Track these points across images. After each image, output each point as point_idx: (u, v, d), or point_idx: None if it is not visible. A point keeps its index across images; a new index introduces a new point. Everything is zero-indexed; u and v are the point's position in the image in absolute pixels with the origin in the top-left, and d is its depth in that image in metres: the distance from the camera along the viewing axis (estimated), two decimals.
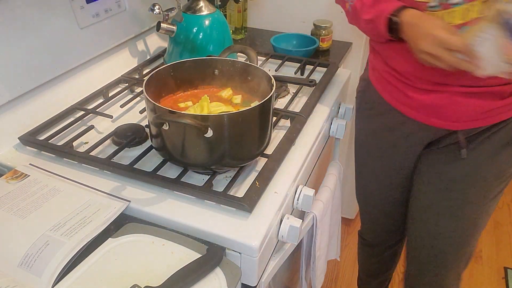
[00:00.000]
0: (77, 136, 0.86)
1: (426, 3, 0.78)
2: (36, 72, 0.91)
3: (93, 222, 0.67)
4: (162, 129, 0.70)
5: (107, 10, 1.07)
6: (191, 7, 1.11)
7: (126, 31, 1.15)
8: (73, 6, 0.98)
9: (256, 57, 0.88)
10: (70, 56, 0.98)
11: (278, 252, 0.80)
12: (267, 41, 1.39)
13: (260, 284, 0.74)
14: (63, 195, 0.72)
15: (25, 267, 0.60)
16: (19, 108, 0.88)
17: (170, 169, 0.80)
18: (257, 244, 0.66)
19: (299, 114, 0.93)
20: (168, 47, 1.16)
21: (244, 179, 0.78)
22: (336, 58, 1.36)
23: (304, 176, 0.87)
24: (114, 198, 0.72)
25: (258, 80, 0.84)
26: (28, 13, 0.88)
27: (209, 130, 0.68)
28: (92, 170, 0.80)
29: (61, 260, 0.60)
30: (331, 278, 1.77)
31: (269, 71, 0.85)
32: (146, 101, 0.72)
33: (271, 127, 0.79)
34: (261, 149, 0.79)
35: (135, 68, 1.14)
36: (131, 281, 0.58)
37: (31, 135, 0.86)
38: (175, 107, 0.83)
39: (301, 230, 0.77)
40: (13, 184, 0.74)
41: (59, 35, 0.96)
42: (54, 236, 0.63)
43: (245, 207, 0.69)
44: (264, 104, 0.72)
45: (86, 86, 1.02)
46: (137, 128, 0.89)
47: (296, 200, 0.82)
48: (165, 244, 0.64)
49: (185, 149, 0.73)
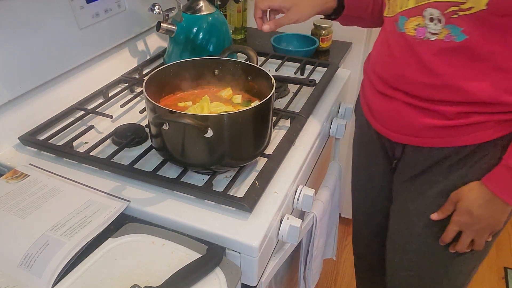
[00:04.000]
0: (77, 136, 0.86)
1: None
2: (36, 72, 0.91)
3: (93, 222, 0.67)
4: (162, 129, 0.70)
5: (107, 10, 1.07)
6: (191, 7, 1.11)
7: (126, 31, 1.15)
8: (73, 6, 0.98)
9: (256, 57, 0.88)
10: (70, 56, 0.98)
11: (278, 252, 0.80)
12: (267, 41, 1.39)
13: (260, 284, 0.74)
14: (63, 195, 0.72)
15: (25, 267, 0.60)
16: (19, 108, 0.88)
17: (170, 169, 0.80)
18: (257, 244, 0.66)
19: (299, 114, 0.93)
20: (168, 47, 1.16)
21: (244, 179, 0.78)
22: (336, 58, 1.36)
23: (304, 176, 0.87)
24: (114, 198, 0.72)
25: (258, 80, 0.84)
26: (28, 13, 0.88)
27: (209, 130, 0.68)
28: (92, 170, 0.80)
29: (61, 260, 0.60)
30: (331, 278, 1.77)
31: (269, 71, 0.85)
32: (146, 101, 0.72)
33: (271, 127, 0.79)
34: (261, 149, 0.79)
35: (135, 68, 1.14)
36: (131, 281, 0.58)
37: (31, 135, 0.86)
38: (175, 107, 0.83)
39: (301, 230, 0.77)
40: (13, 184, 0.74)
41: (59, 35, 0.96)
42: (54, 236, 0.63)
43: (245, 207, 0.69)
44: (264, 104, 0.72)
45: (86, 86, 1.02)
46: (137, 128, 0.89)
47: (296, 200, 0.82)
48: (165, 244, 0.64)
49: (185, 149, 0.73)
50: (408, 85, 0.78)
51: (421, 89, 0.76)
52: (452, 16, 0.68)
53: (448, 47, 0.71)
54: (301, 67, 1.16)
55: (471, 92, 0.72)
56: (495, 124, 0.74)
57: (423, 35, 0.73)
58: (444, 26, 0.70)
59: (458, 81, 0.72)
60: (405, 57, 0.77)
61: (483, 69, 0.70)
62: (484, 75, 0.71)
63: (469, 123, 0.75)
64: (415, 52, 0.75)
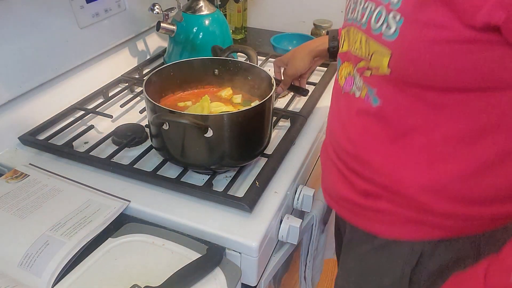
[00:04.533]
0: (77, 136, 0.86)
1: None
2: (36, 72, 0.91)
3: (93, 222, 0.67)
4: (162, 129, 0.70)
5: (107, 10, 1.07)
6: (191, 7, 1.11)
7: (126, 31, 1.15)
8: (73, 6, 0.98)
9: (256, 57, 0.88)
10: (70, 56, 0.98)
11: (278, 252, 0.80)
12: (267, 41, 1.39)
13: (260, 284, 0.74)
14: (63, 195, 0.72)
15: (25, 267, 0.60)
16: (19, 108, 0.88)
17: (170, 169, 0.79)
18: (257, 244, 0.66)
19: (299, 114, 0.93)
20: (168, 47, 1.16)
21: (244, 179, 0.78)
22: None
23: (304, 176, 0.87)
24: (114, 198, 0.72)
25: (258, 80, 0.84)
26: (28, 13, 0.88)
27: (209, 130, 0.68)
28: (92, 170, 0.80)
29: (61, 260, 0.60)
30: (331, 278, 1.77)
31: (269, 71, 0.85)
32: (146, 101, 0.72)
33: (271, 127, 0.79)
34: (261, 149, 0.79)
35: (135, 68, 1.14)
36: (131, 281, 0.58)
37: (31, 135, 0.86)
38: (175, 107, 0.83)
39: (301, 230, 0.77)
40: (13, 184, 0.74)
41: (59, 35, 0.95)
42: (54, 236, 0.63)
43: (245, 207, 0.69)
44: (264, 104, 0.72)
45: (86, 86, 1.02)
46: (137, 128, 0.89)
47: (296, 200, 0.82)
48: (165, 244, 0.64)
49: (185, 149, 0.73)
50: (334, 141, 0.68)
51: (341, 150, 0.65)
52: (364, 73, 0.58)
53: (365, 110, 0.59)
54: None
55: (380, 172, 0.60)
56: (409, 223, 0.61)
57: (350, 87, 0.62)
58: (363, 82, 0.59)
59: (368, 153, 0.61)
60: (333, 109, 0.69)
61: (397, 150, 0.58)
62: (398, 157, 0.58)
63: (378, 209, 0.62)
64: (339, 106, 0.66)
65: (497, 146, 0.53)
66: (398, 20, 0.50)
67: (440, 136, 0.54)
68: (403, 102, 0.55)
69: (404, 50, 0.51)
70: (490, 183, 0.55)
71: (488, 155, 0.54)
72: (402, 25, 0.50)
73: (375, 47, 0.54)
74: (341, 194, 0.67)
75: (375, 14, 0.54)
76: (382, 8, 0.52)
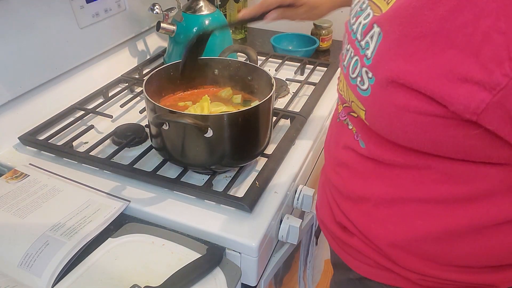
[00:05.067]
0: (77, 136, 0.86)
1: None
2: (36, 72, 0.91)
3: (93, 222, 0.67)
4: (162, 129, 0.70)
5: (107, 10, 1.07)
6: (191, 7, 1.11)
7: (126, 31, 1.15)
8: (73, 6, 0.98)
9: (256, 57, 0.88)
10: (70, 56, 0.98)
11: (278, 252, 0.80)
12: (267, 41, 1.39)
13: (260, 284, 0.74)
14: (63, 195, 0.72)
15: (25, 267, 0.60)
16: (19, 108, 0.88)
17: (170, 169, 0.79)
18: (257, 244, 0.66)
19: (299, 114, 0.93)
20: (168, 47, 1.16)
21: (244, 179, 0.78)
22: (336, 58, 1.36)
23: (304, 176, 0.87)
24: (114, 198, 0.72)
25: (258, 80, 0.84)
26: (28, 12, 0.88)
27: (209, 130, 0.67)
28: (92, 170, 0.80)
29: (61, 260, 0.60)
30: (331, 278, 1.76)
31: (269, 71, 0.85)
32: (146, 101, 0.72)
33: (271, 127, 0.79)
34: (261, 149, 0.79)
35: (135, 68, 1.14)
36: (131, 281, 0.58)
37: (31, 135, 0.86)
38: (175, 107, 0.83)
39: (301, 230, 0.77)
40: (13, 184, 0.74)
41: (59, 35, 0.95)
42: (54, 236, 0.63)
43: (245, 207, 0.69)
44: (264, 104, 0.72)
45: (86, 86, 1.02)
46: (137, 128, 0.89)
47: (296, 200, 0.82)
48: (165, 244, 0.64)
49: (185, 149, 0.73)
50: (326, 163, 0.66)
51: (328, 175, 0.63)
52: (351, 113, 0.55)
53: (353, 146, 0.55)
54: (301, 67, 1.16)
55: (355, 212, 0.58)
56: (379, 267, 0.58)
57: (345, 116, 0.57)
58: (350, 122, 0.56)
59: (346, 188, 0.58)
60: (330, 127, 0.66)
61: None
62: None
63: (352, 245, 0.60)
64: (332, 133, 0.63)
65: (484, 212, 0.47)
66: (370, 78, 0.44)
67: (420, 195, 0.49)
68: (385, 156, 0.50)
69: (376, 111, 0.45)
70: (471, 249, 0.50)
71: (474, 220, 0.48)
72: (373, 84, 0.44)
73: (352, 97, 0.50)
74: (324, 220, 0.66)
75: (353, 61, 0.48)
76: (358, 59, 0.47)
